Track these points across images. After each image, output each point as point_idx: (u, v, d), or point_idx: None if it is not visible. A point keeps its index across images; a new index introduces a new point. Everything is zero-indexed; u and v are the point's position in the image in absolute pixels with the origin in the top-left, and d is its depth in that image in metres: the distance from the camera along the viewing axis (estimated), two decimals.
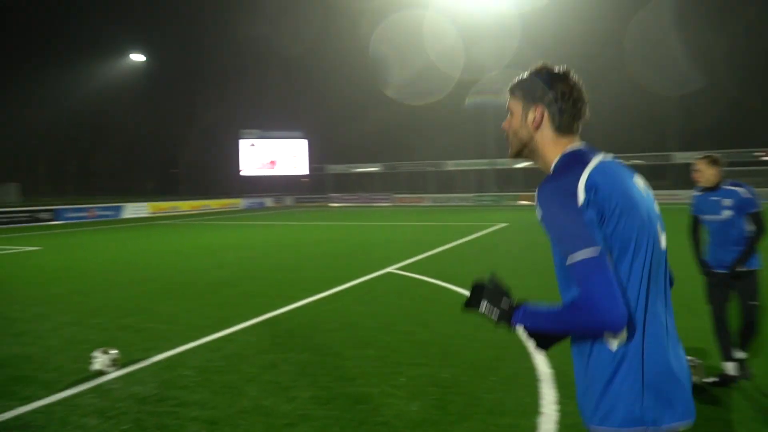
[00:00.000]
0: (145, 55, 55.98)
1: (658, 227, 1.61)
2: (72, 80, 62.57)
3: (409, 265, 10.97)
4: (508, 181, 49.06)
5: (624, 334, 1.50)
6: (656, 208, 1.66)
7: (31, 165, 68.65)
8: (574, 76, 1.66)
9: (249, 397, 4.35)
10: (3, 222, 28.06)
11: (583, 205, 1.48)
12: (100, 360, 4.96)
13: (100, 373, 4.90)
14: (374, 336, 5.99)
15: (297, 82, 60.15)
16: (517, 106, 1.72)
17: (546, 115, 1.66)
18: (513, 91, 1.73)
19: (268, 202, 48.31)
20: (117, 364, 5.03)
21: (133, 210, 35.44)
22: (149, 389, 4.56)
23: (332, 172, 53.71)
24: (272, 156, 52.00)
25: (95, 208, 33.53)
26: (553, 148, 1.67)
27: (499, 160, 45.32)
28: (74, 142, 67.50)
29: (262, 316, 6.97)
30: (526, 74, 1.71)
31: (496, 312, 1.62)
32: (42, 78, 63.55)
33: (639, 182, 1.65)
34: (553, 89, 1.64)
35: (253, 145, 51.25)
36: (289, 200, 50.43)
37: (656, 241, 1.58)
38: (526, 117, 1.68)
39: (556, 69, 1.68)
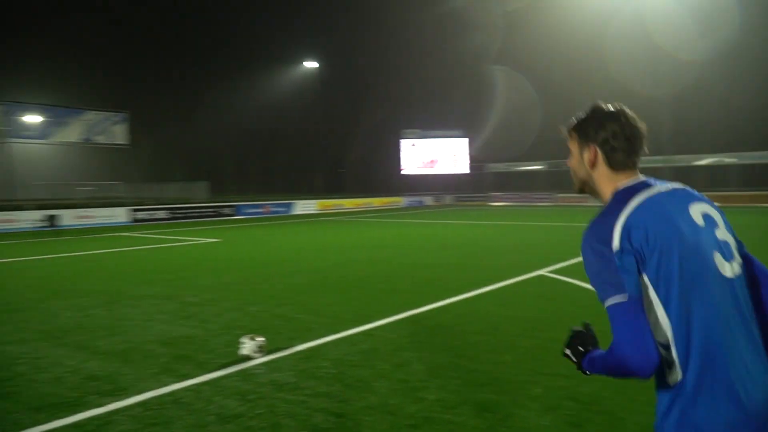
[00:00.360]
0: (317, 62, 59.74)
1: (716, 257, 1.50)
2: (255, 88, 68.87)
3: (563, 268, 10.37)
4: (686, 179, 44.55)
5: (677, 374, 1.44)
6: (720, 234, 1.55)
7: (220, 165, 76.41)
8: (628, 113, 1.66)
9: (378, 393, 4.35)
10: (193, 216, 31.58)
11: (618, 252, 1.47)
12: (247, 346, 5.30)
13: (247, 358, 5.23)
14: (514, 341, 5.71)
15: (459, 83, 60.18)
16: (574, 146, 1.75)
17: (599, 154, 1.67)
18: (570, 132, 1.76)
19: (428, 200, 48.95)
20: (263, 350, 5.33)
21: (303, 207, 37.91)
22: (287, 377, 4.76)
23: (493, 171, 52.98)
24: (432, 155, 52.64)
25: (270, 205, 36.42)
26: (608, 184, 1.67)
27: (676, 157, 41.41)
28: (256, 143, 74.02)
29: (404, 314, 6.99)
30: (582, 114, 1.73)
31: (577, 356, 1.68)
32: (229, 86, 70.58)
33: (695, 211, 1.55)
34: (605, 129, 1.65)
35: (413, 145, 52.28)
36: (448, 199, 50.67)
37: (712, 272, 1.47)
38: (583, 157, 1.72)
39: (608, 108, 1.68)
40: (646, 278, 1.46)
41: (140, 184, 55.38)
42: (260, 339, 5.37)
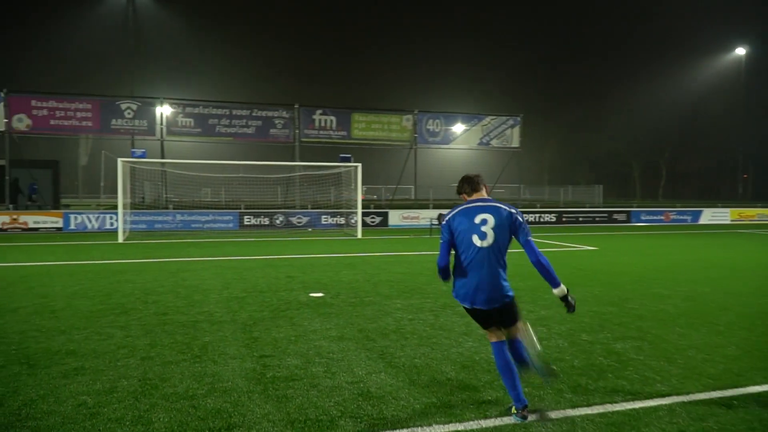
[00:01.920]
0: (744, 48, 50.80)
1: (474, 237, 4.02)
2: (666, 84, 62.84)
3: None
4: None
5: (458, 270, 4.12)
6: (484, 228, 4.01)
7: (623, 169, 72.37)
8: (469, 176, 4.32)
9: None
10: (582, 221, 30.26)
11: (444, 225, 4.21)
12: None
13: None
14: None
15: None
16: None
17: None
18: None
19: None
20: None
21: (712, 216, 32.46)
22: None
23: None
24: None
25: (671, 212, 32.35)
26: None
27: None
28: (664, 145, 67.58)
29: None
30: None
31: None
32: (637, 85, 66.19)
33: (478, 216, 4.05)
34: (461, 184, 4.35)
35: None
36: None
37: (472, 242, 4.02)
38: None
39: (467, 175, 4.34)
40: (454, 237, 4.10)
41: (535, 187, 56.75)
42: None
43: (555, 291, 4.00)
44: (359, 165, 21.31)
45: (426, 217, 25.15)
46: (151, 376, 4.90)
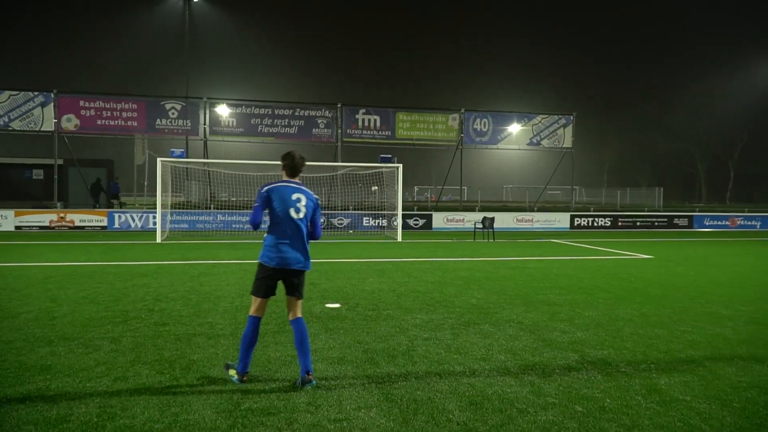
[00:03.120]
0: None
1: (291, 210, 4.82)
2: (737, 79, 59.39)
3: None
4: None
5: (273, 229, 4.89)
6: (299, 204, 4.86)
7: (688, 171, 69.02)
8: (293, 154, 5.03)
9: None
10: (639, 226, 28.61)
11: (263, 194, 4.91)
12: None
13: None
14: None
15: None
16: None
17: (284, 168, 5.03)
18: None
19: None
20: None
21: None
22: None
23: None
24: None
25: (738, 217, 30.23)
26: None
27: None
28: (735, 145, 63.98)
29: None
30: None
31: None
32: (706, 84, 62.86)
33: (294, 194, 4.87)
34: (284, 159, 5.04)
35: None
36: None
37: (289, 215, 4.82)
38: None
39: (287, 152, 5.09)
40: (273, 208, 4.84)
41: (592, 189, 54.52)
42: None
43: None
44: (400, 165, 20.64)
45: (471, 220, 24.22)
46: (113, 403, 4.36)
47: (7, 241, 17.47)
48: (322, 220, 27.19)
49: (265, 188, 4.86)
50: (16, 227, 21.63)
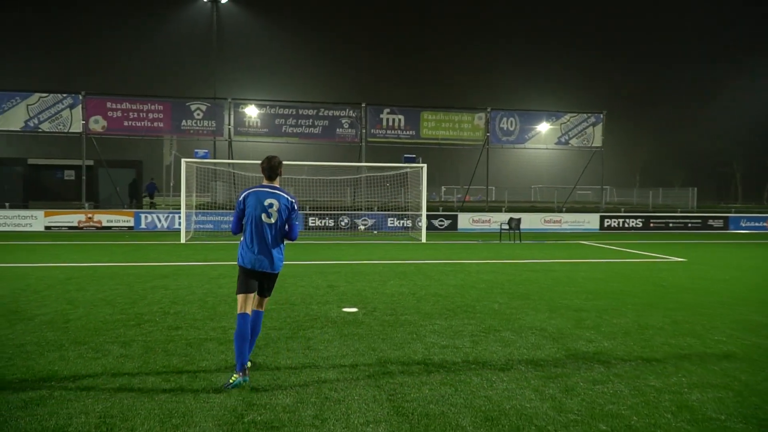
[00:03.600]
0: None
1: (263, 215, 5.05)
2: None
3: None
4: None
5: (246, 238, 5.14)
6: (270, 209, 5.06)
7: (725, 170, 67.15)
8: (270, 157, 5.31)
9: None
10: (672, 227, 27.81)
11: (239, 201, 5.18)
12: None
13: None
14: None
15: None
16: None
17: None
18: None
19: None
20: None
21: None
22: None
23: None
24: None
25: None
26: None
27: None
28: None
29: None
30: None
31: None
32: (741, 75, 61.03)
33: (267, 199, 5.08)
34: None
35: None
36: None
37: (259, 219, 5.05)
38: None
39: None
40: (245, 212, 5.10)
41: (624, 189, 53.36)
42: None
43: None
44: (425, 165, 20.36)
45: (497, 220, 23.80)
46: (114, 413, 4.21)
47: (36, 242, 17.73)
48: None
49: (242, 195, 5.16)
50: (46, 227, 21.98)
